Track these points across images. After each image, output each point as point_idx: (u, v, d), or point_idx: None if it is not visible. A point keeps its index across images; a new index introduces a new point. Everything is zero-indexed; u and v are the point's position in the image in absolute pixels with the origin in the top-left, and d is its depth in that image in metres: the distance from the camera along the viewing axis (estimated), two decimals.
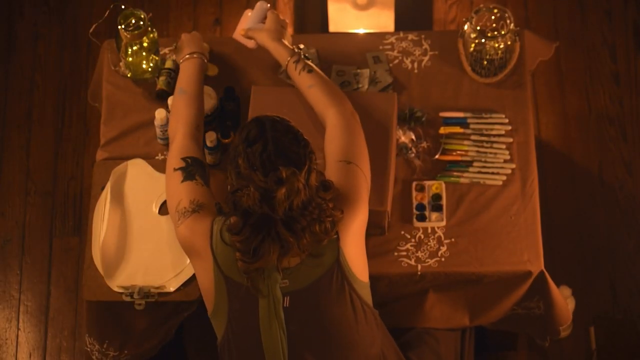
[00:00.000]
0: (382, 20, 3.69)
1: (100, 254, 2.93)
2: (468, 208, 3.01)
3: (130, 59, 3.13)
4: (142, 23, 3.05)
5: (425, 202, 3.02)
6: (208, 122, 3.06)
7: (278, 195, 2.42)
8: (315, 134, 2.83)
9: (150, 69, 3.17)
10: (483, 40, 3.12)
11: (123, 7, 3.08)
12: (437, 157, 3.09)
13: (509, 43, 3.13)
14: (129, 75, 3.19)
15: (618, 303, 3.60)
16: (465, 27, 3.16)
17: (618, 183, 3.78)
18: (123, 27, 3.04)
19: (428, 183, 3.04)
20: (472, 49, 3.15)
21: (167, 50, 3.24)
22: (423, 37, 3.24)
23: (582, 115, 3.90)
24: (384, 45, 3.23)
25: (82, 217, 3.81)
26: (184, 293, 2.91)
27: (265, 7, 3.09)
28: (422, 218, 3.01)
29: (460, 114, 3.13)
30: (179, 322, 3.00)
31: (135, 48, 3.10)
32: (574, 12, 4.06)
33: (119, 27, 3.05)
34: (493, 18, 3.15)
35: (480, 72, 3.16)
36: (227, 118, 3.10)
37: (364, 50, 3.22)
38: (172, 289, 2.90)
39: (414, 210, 3.02)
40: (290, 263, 2.55)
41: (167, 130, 2.99)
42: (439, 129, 3.11)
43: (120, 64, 3.20)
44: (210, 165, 3.06)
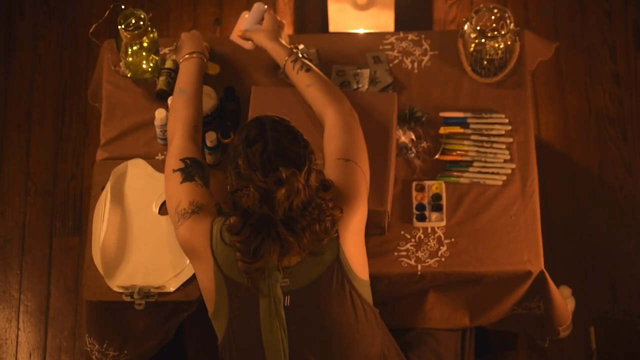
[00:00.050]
0: (382, 20, 3.69)
1: (100, 254, 2.93)
2: (468, 208, 3.01)
3: (130, 59, 3.12)
4: (142, 23, 3.05)
5: (425, 202, 3.02)
6: (208, 122, 3.06)
7: (278, 196, 2.42)
8: (315, 134, 2.83)
9: (150, 69, 3.17)
10: (483, 40, 3.12)
11: (123, 7, 3.08)
12: (437, 157, 3.08)
13: (509, 43, 3.13)
14: (129, 75, 3.19)
15: (618, 303, 3.60)
16: (465, 27, 3.16)
17: (618, 183, 3.78)
18: (123, 27, 3.04)
19: (428, 183, 3.04)
20: (472, 49, 3.15)
21: (167, 50, 3.24)
22: (423, 37, 3.24)
23: (582, 115, 3.89)
24: (384, 45, 3.23)
25: (82, 217, 3.81)
26: (184, 293, 2.91)
27: (263, 8, 3.09)
28: (422, 218, 3.01)
29: (460, 114, 3.13)
30: (179, 322, 3.00)
31: (135, 48, 3.10)
32: (574, 12, 4.05)
33: (119, 27, 3.05)
34: (493, 18, 3.14)
35: (480, 72, 3.16)
36: (227, 118, 3.10)
37: (364, 50, 3.22)
38: (172, 289, 2.90)
39: (414, 210, 3.01)
40: (291, 262, 2.55)
41: (167, 131, 2.99)
42: (439, 129, 3.11)
43: (120, 64, 3.19)
44: (210, 165, 3.06)
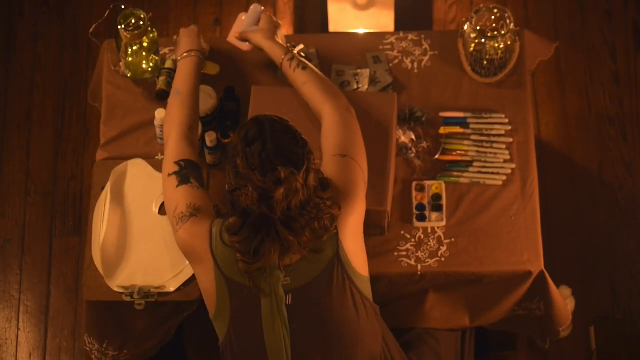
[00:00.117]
0: (382, 20, 3.69)
1: (100, 254, 2.93)
2: (468, 208, 3.01)
3: (130, 59, 3.12)
4: (142, 23, 3.05)
5: (425, 202, 3.02)
6: (208, 122, 3.06)
7: (276, 195, 2.42)
8: (315, 134, 2.83)
9: (150, 69, 3.17)
10: (483, 40, 3.12)
11: (123, 7, 3.08)
12: (437, 157, 3.08)
13: (509, 43, 3.13)
14: (129, 75, 3.19)
15: (618, 303, 3.60)
16: (465, 27, 3.16)
17: (618, 183, 3.78)
18: (123, 27, 3.04)
19: (428, 183, 3.04)
20: (472, 49, 3.15)
21: (167, 50, 3.24)
22: (423, 37, 3.24)
23: (582, 115, 3.89)
24: (384, 45, 3.23)
25: (82, 217, 3.81)
26: (184, 293, 2.91)
27: (259, 10, 3.09)
28: (422, 218, 3.01)
29: (460, 114, 3.12)
30: (179, 322, 3.00)
31: (135, 48, 3.10)
32: (574, 12, 4.05)
33: (119, 27, 3.05)
34: (493, 18, 3.14)
35: (480, 72, 3.16)
36: (227, 118, 3.10)
37: (364, 50, 3.22)
38: (172, 289, 2.90)
39: (414, 210, 3.01)
40: (292, 260, 2.54)
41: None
42: (439, 129, 3.11)
43: (120, 64, 3.19)
44: (210, 166, 3.06)
